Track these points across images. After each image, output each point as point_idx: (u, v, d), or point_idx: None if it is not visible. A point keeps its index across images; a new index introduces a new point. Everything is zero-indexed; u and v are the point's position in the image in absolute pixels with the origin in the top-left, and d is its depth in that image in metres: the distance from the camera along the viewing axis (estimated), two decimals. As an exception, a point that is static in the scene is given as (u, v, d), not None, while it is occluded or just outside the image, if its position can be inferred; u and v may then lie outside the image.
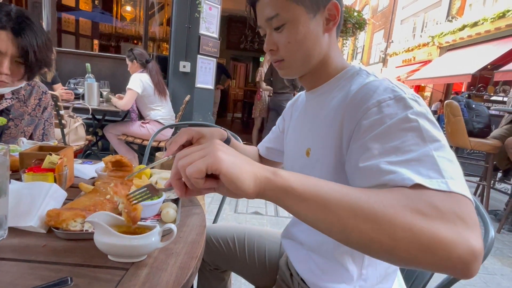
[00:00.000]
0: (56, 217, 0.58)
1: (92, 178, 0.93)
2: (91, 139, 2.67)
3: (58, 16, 4.28)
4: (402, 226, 0.36)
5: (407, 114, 0.47)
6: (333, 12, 0.62)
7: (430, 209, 0.36)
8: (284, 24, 0.61)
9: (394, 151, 0.44)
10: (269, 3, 0.61)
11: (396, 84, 0.53)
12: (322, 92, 0.68)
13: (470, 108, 2.97)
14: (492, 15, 9.17)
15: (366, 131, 0.49)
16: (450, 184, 0.39)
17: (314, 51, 0.63)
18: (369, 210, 0.37)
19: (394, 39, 17.61)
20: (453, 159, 0.43)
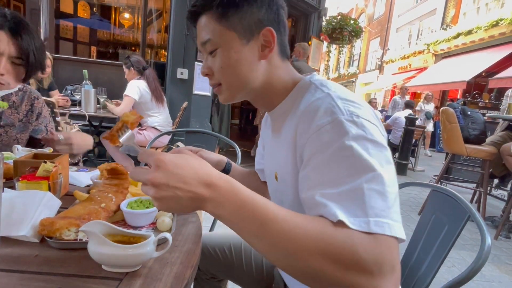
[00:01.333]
0: (50, 226, 0.57)
1: (87, 186, 0.92)
2: (87, 145, 2.66)
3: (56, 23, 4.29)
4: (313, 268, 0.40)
5: (343, 142, 0.46)
6: (268, 38, 0.60)
7: (344, 256, 0.39)
8: (216, 49, 0.61)
9: (329, 183, 0.45)
10: (203, 28, 0.61)
11: (336, 103, 0.51)
12: (280, 114, 0.67)
13: (465, 115, 3.00)
14: (486, 23, 9.34)
15: (309, 159, 0.50)
16: (372, 225, 0.40)
17: (250, 77, 0.62)
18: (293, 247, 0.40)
19: (390, 46, 17.82)
20: (384, 191, 0.43)
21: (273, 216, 0.42)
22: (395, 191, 0.44)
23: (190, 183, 0.43)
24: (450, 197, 0.82)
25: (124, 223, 0.70)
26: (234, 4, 0.58)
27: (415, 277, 0.81)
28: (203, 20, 0.61)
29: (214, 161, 0.86)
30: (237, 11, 0.59)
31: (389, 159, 0.47)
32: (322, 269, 0.39)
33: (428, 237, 0.85)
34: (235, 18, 0.59)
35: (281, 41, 0.64)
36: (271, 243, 0.42)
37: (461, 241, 2.50)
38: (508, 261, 2.26)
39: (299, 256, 0.40)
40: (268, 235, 0.42)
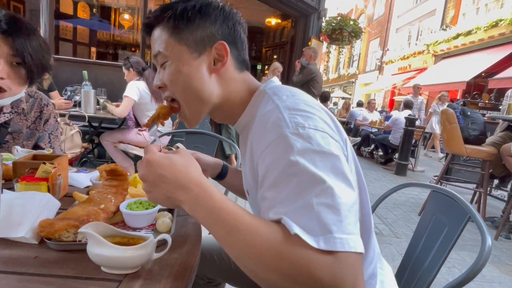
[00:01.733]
0: (49, 228, 0.57)
1: (86, 187, 0.92)
2: (87, 146, 2.66)
3: (56, 24, 4.29)
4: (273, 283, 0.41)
5: (289, 158, 0.45)
6: (221, 52, 0.60)
7: (300, 275, 0.38)
8: (166, 62, 0.61)
9: (283, 202, 0.44)
10: (155, 40, 0.61)
11: (282, 116, 0.50)
12: (242, 128, 0.66)
13: (465, 116, 3.00)
14: (485, 24, 9.35)
15: (262, 179, 0.49)
16: (326, 242, 0.39)
17: (203, 91, 0.61)
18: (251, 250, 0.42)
19: (389, 47, 17.83)
20: (334, 203, 0.41)
21: (238, 225, 0.43)
22: (348, 201, 0.43)
23: (168, 183, 0.49)
24: (450, 197, 0.82)
25: (124, 224, 0.70)
26: (186, 18, 0.59)
27: (415, 277, 0.81)
28: (156, 32, 0.61)
29: (211, 163, 0.86)
30: (189, 25, 0.59)
31: (339, 168, 0.45)
32: (279, 285, 0.40)
33: (428, 237, 0.85)
34: (187, 31, 0.59)
35: (237, 55, 0.63)
36: (236, 251, 0.43)
37: (461, 242, 2.50)
38: (509, 262, 2.26)
39: (259, 269, 0.41)
40: (234, 243, 0.43)
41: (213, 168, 0.87)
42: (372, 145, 6.55)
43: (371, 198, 0.62)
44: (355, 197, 0.45)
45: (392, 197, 3.53)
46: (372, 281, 0.63)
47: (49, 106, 1.16)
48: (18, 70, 0.89)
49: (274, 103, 0.54)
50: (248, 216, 0.44)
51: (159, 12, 0.60)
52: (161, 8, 0.61)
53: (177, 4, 0.60)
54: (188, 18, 0.59)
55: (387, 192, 1.01)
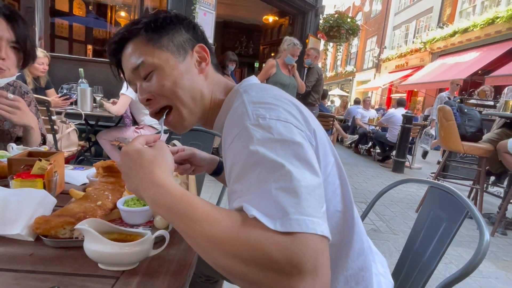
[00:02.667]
0: (45, 225, 0.57)
1: (83, 184, 0.91)
2: (84, 144, 2.64)
3: (51, 21, 4.26)
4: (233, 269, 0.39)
5: (249, 148, 0.45)
6: (201, 54, 0.63)
7: (258, 257, 0.37)
8: (151, 72, 0.60)
9: (247, 191, 0.43)
10: (133, 53, 0.60)
11: (246, 110, 0.50)
12: (219, 128, 0.66)
13: (462, 113, 3.01)
14: (482, 21, 9.37)
15: (230, 173, 0.49)
16: (282, 223, 0.38)
17: (194, 91, 0.62)
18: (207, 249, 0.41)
19: (387, 45, 17.86)
20: (293, 186, 0.40)
21: (197, 216, 0.42)
22: (309, 185, 0.42)
23: (135, 177, 0.51)
24: (448, 193, 0.82)
25: (121, 221, 0.69)
26: (160, 27, 0.60)
27: (413, 273, 0.81)
28: (131, 46, 0.61)
29: (207, 159, 0.86)
30: (166, 33, 0.60)
31: (302, 155, 0.45)
32: (241, 270, 0.39)
33: (426, 233, 0.85)
34: (165, 38, 0.60)
35: (212, 58, 0.66)
36: (197, 242, 0.42)
37: (458, 238, 2.51)
38: (505, 257, 2.28)
39: (218, 256, 0.40)
40: (193, 234, 0.42)
41: (209, 164, 0.87)
42: (370, 143, 6.57)
43: (369, 195, 0.62)
44: (318, 182, 0.44)
45: (390, 194, 3.54)
46: (364, 273, 0.63)
47: (29, 94, 1.17)
48: (17, 53, 0.94)
49: (241, 98, 0.55)
50: (208, 207, 0.44)
51: (130, 26, 0.60)
52: (131, 22, 0.61)
53: (149, 16, 0.62)
54: (163, 27, 0.60)
55: (385, 189, 1.01)
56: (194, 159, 0.83)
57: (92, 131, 2.91)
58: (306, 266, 0.36)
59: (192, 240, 0.43)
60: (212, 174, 0.90)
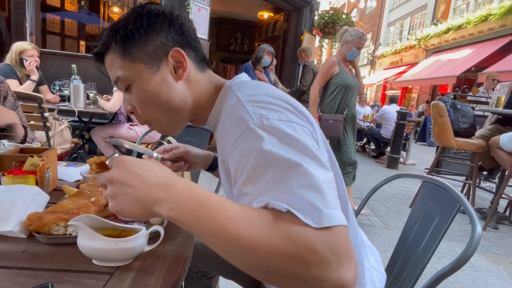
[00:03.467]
0: (37, 221, 0.56)
1: (77, 181, 0.90)
2: (77, 142, 2.62)
3: (43, 17, 4.19)
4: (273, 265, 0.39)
5: (260, 149, 0.44)
6: (178, 58, 0.59)
7: (300, 251, 0.38)
8: (130, 85, 0.59)
9: (263, 192, 0.43)
10: (110, 66, 0.60)
11: (245, 108, 0.50)
12: (212, 126, 0.65)
13: (455, 109, 3.03)
14: (475, 18, 9.44)
15: (236, 175, 0.48)
16: (314, 219, 0.39)
17: (174, 102, 0.60)
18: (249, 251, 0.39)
19: (381, 41, 17.92)
20: (313, 183, 0.41)
21: (230, 215, 0.41)
22: (325, 179, 0.43)
23: (146, 182, 0.43)
24: (442, 187, 0.83)
25: (115, 217, 0.69)
26: (131, 36, 0.57)
27: (407, 267, 0.82)
28: (108, 59, 0.60)
29: (202, 156, 0.86)
30: (137, 42, 0.57)
31: (311, 151, 0.45)
32: (281, 266, 0.39)
33: (419, 227, 0.86)
34: (137, 49, 0.57)
35: (194, 56, 0.62)
36: (229, 243, 0.40)
37: (450, 232, 2.55)
38: (496, 251, 2.32)
39: (258, 255, 0.39)
40: (226, 234, 0.40)
41: (204, 160, 0.87)
42: (365, 139, 6.61)
43: (363, 191, 0.63)
44: (330, 175, 0.45)
45: (384, 190, 3.57)
46: (358, 268, 0.63)
47: (4, 83, 1.15)
48: None
49: (236, 96, 0.54)
50: (238, 206, 0.43)
51: (104, 38, 0.59)
52: (105, 33, 0.59)
53: (118, 24, 0.58)
54: (133, 36, 0.57)
55: (379, 184, 1.01)
56: (188, 156, 0.82)
57: (86, 128, 2.89)
58: (343, 254, 0.39)
59: (223, 241, 0.41)
60: (208, 170, 0.89)
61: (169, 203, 0.42)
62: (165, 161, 0.79)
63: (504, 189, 2.59)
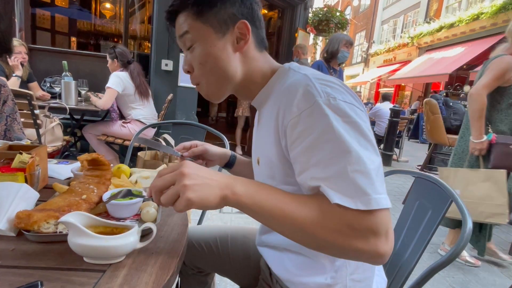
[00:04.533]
0: (27, 219, 0.55)
1: (68, 178, 0.89)
2: (69, 139, 2.58)
3: (32, 12, 4.10)
4: (323, 240, 0.49)
5: (325, 125, 0.50)
6: (243, 31, 0.63)
7: (347, 229, 0.47)
8: (193, 44, 0.63)
9: (317, 165, 0.50)
10: (181, 24, 0.64)
11: (313, 84, 0.53)
12: (260, 101, 0.69)
13: (448, 106, 3.07)
14: (467, 17, 9.54)
15: (295, 142, 0.53)
16: (363, 202, 0.46)
17: (228, 71, 0.64)
18: (299, 225, 0.49)
19: (375, 39, 18.01)
20: (365, 169, 0.48)
21: (285, 199, 0.50)
22: (375, 166, 0.49)
23: (214, 174, 0.51)
24: (434, 183, 0.83)
25: (107, 215, 0.68)
26: (208, 2, 0.61)
27: (399, 262, 0.83)
28: (181, 18, 0.64)
29: (219, 153, 0.89)
30: (211, 8, 0.61)
31: (367, 136, 0.51)
32: (327, 240, 0.48)
33: (412, 223, 0.87)
34: (210, 14, 0.61)
35: (256, 34, 0.66)
36: (285, 222, 0.49)
37: (442, 228, 2.58)
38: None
39: (308, 232, 0.49)
40: (281, 214, 0.49)
41: (221, 158, 0.90)
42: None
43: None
44: (380, 161, 0.51)
45: (377, 187, 3.59)
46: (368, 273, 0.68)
47: (6, 87, 1.14)
48: None
49: (301, 73, 0.58)
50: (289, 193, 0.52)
51: None
52: None
53: None
54: (209, 2, 0.61)
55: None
56: (206, 154, 0.86)
57: (78, 125, 2.85)
58: (381, 231, 0.47)
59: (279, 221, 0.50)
60: (224, 167, 0.93)
61: (237, 186, 0.50)
62: (184, 158, 0.82)
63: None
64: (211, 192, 0.48)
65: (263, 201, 0.50)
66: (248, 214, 0.51)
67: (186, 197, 0.47)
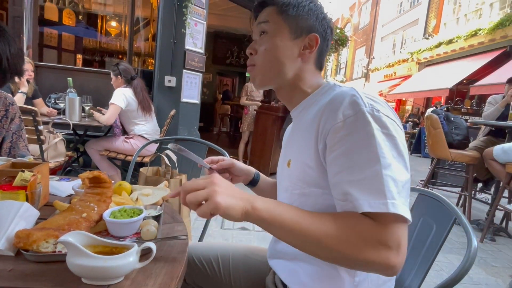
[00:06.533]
0: (26, 238, 0.54)
1: (69, 195, 0.89)
2: (71, 155, 2.59)
3: (40, 31, 4.22)
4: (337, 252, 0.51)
5: (366, 131, 0.54)
6: (312, 42, 0.70)
7: (361, 241, 0.50)
8: (267, 32, 0.70)
9: (352, 169, 0.54)
10: (265, 13, 0.71)
11: (360, 96, 0.58)
12: (301, 109, 0.74)
13: (449, 121, 3.07)
14: (465, 33, 9.68)
15: (335, 145, 0.57)
16: (389, 206, 0.50)
17: (285, 67, 0.70)
18: (315, 238, 0.52)
19: (375, 55, 18.25)
20: (395, 178, 0.52)
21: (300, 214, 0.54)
22: (403, 179, 0.53)
23: (236, 189, 0.55)
24: (437, 200, 0.83)
25: (107, 233, 0.68)
26: (297, 7, 0.69)
27: (405, 281, 0.81)
28: (267, 9, 0.71)
29: (244, 170, 0.91)
30: (298, 13, 0.69)
31: (402, 152, 0.55)
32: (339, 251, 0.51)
33: (416, 241, 0.85)
34: (293, 17, 0.69)
35: (320, 52, 0.72)
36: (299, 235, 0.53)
37: (448, 245, 2.53)
38: (494, 264, 2.30)
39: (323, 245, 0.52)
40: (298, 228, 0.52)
41: (246, 175, 0.92)
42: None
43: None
44: (408, 177, 0.55)
45: (381, 202, 3.55)
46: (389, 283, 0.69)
47: (14, 105, 1.16)
48: None
49: (348, 87, 0.63)
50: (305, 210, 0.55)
51: None
52: None
53: None
54: (298, 8, 0.69)
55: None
56: (233, 168, 0.89)
57: (81, 141, 2.87)
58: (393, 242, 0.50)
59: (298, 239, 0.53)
60: (247, 185, 0.94)
61: (257, 201, 0.53)
62: (212, 171, 0.85)
63: (499, 201, 2.59)
64: (236, 203, 0.51)
65: (281, 215, 0.53)
66: (267, 229, 0.54)
67: (215, 200, 0.49)
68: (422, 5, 13.46)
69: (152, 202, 0.84)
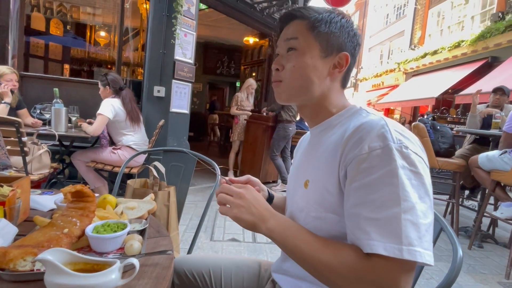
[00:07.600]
0: (2, 257, 0.52)
1: (51, 210, 0.86)
2: (57, 166, 2.53)
3: (26, 40, 4.16)
4: (333, 283, 0.54)
5: (390, 169, 0.52)
6: (342, 61, 0.68)
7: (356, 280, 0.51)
8: (297, 49, 0.67)
9: (371, 205, 0.52)
10: (294, 28, 0.68)
11: (389, 130, 0.55)
12: (323, 128, 0.72)
13: (435, 130, 3.13)
14: (449, 44, 10.02)
15: (356, 176, 0.55)
16: (404, 252, 0.48)
17: (313, 86, 0.67)
18: (316, 267, 0.55)
19: (363, 65, 18.66)
20: (417, 222, 0.50)
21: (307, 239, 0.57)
22: (427, 222, 0.51)
23: (261, 205, 0.61)
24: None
25: (90, 249, 0.66)
26: (329, 24, 0.66)
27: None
28: (296, 23, 0.68)
29: (261, 186, 0.90)
30: (329, 29, 0.66)
31: (427, 191, 0.53)
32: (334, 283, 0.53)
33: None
34: (324, 34, 0.66)
35: (347, 70, 0.70)
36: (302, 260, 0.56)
37: (437, 253, 2.55)
38: (482, 270, 2.32)
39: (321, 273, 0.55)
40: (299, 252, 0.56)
41: (263, 190, 0.89)
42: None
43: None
44: (432, 219, 0.53)
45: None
46: None
47: None
48: None
49: (377, 116, 0.61)
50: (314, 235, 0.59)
51: (308, 11, 0.68)
52: (312, 9, 0.68)
53: (327, 12, 0.68)
54: (331, 25, 0.66)
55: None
56: (251, 182, 0.87)
57: (67, 152, 2.80)
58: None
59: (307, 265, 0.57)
60: None
61: (271, 221, 0.59)
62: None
63: (485, 207, 2.64)
64: (247, 217, 0.58)
65: (288, 238, 0.57)
66: (276, 244, 0.59)
67: (233, 211, 0.59)
68: (407, 17, 13.91)
69: (137, 215, 0.82)
